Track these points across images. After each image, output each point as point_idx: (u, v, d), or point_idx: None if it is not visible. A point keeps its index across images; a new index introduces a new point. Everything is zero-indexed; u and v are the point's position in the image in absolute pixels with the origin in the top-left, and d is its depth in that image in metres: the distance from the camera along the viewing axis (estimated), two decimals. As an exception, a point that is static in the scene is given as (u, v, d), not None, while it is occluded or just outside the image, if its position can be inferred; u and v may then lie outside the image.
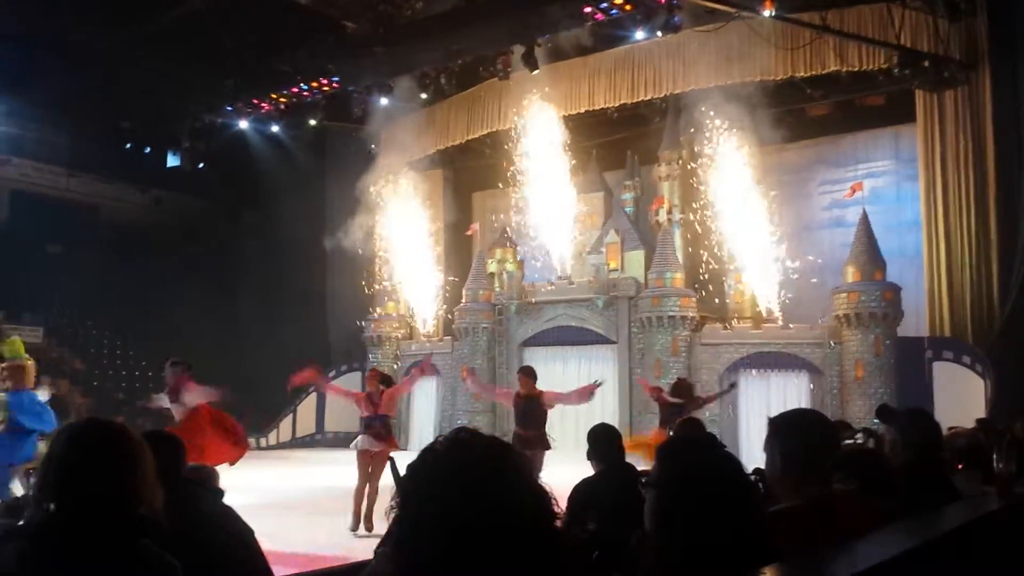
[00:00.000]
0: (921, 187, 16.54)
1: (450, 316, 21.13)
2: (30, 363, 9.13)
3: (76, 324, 23.63)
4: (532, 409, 9.19)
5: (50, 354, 19.69)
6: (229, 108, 20.07)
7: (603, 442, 4.91)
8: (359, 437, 9.27)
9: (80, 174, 26.73)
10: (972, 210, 15.71)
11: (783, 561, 1.87)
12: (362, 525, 8.86)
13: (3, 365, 9.07)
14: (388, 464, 1.74)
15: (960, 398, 13.99)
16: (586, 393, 9.49)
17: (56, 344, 21.67)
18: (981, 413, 11.88)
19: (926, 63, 14.97)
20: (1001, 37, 15.10)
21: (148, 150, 23.17)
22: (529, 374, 9.44)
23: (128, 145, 22.85)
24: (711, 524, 1.80)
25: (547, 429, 9.26)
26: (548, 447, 9.14)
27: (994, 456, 3.88)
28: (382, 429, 9.14)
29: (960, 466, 3.87)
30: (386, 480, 8.42)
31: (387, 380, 9.81)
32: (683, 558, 1.80)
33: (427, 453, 1.33)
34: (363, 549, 7.00)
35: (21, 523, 2.01)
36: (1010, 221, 14.94)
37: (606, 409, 16.61)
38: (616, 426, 5.34)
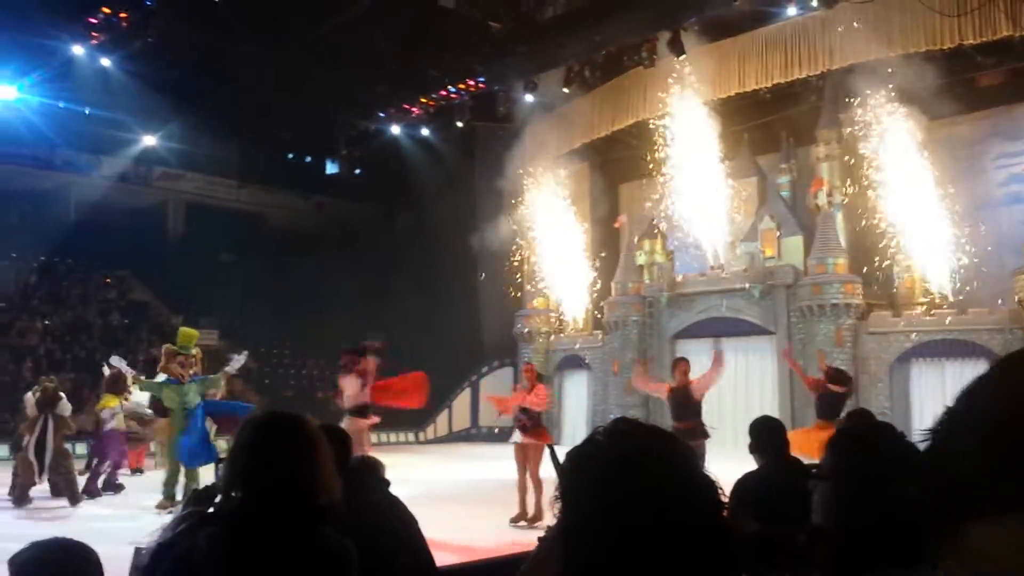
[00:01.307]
0: (1112, 156, 15.08)
1: (599, 310, 21.08)
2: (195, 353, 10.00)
3: (248, 326, 25.15)
4: (685, 400, 9.19)
5: (225, 355, 20.99)
6: (382, 114, 20.80)
7: (767, 434, 4.74)
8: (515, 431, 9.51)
9: (248, 184, 28.49)
10: None
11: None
12: (526, 518, 8.99)
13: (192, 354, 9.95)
14: (548, 453, 1.74)
15: None
16: (718, 362, 9.61)
17: (230, 345, 23.10)
18: None
19: (1113, 20, 13.62)
20: None
21: (309, 159, 24.40)
22: (679, 365, 9.63)
23: (290, 155, 24.13)
24: (891, 517, 1.69)
25: (709, 423, 9.24)
26: (707, 436, 9.07)
27: None
28: (528, 421, 9.28)
29: None
30: (548, 471, 8.50)
31: (539, 375, 9.95)
32: (862, 553, 1.70)
33: (588, 443, 1.31)
34: (524, 540, 7.08)
35: (211, 510, 2.14)
36: None
37: (765, 402, 16.15)
38: (777, 419, 5.16)
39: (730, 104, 18.73)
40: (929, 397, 15.30)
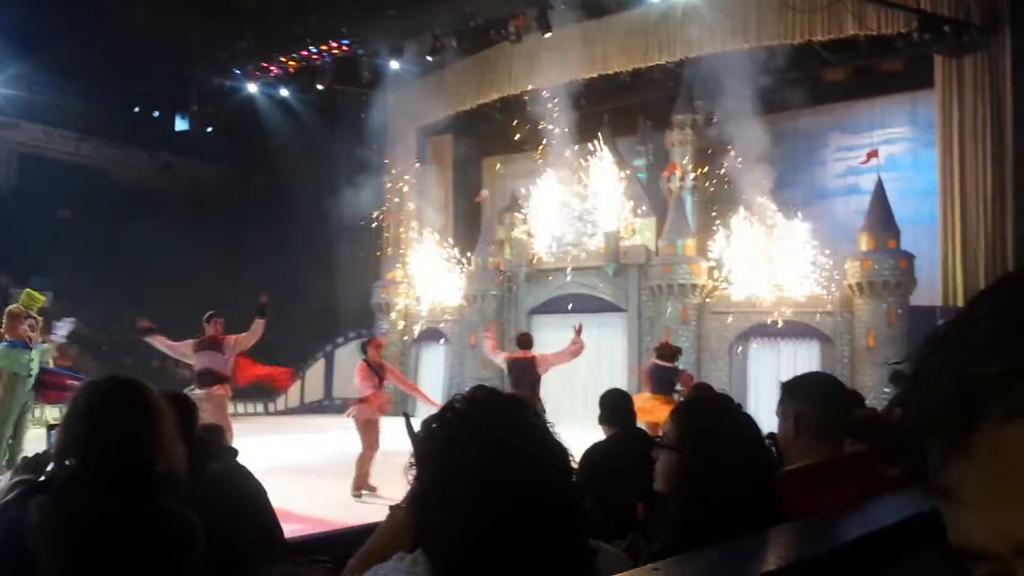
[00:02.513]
0: (938, 154, 16.34)
1: (459, 283, 21.10)
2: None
3: (85, 288, 23.71)
4: (527, 373, 9.53)
5: (59, 318, 19.74)
6: (237, 71, 19.95)
7: (615, 406, 4.92)
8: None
9: (90, 139, 26.73)
10: (989, 178, 15.53)
11: (793, 521, 1.86)
12: (363, 488, 9.01)
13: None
14: (404, 423, 1.73)
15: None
16: (576, 348, 9.87)
17: (65, 308, 21.73)
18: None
19: (946, 28, 14.75)
20: (1022, 1, 14.86)
21: (157, 114, 23.12)
22: (525, 340, 9.99)
23: (137, 109, 22.80)
24: (730, 484, 1.79)
25: (560, 396, 9.51)
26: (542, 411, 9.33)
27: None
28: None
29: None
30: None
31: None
32: (698, 518, 1.80)
33: (446, 411, 1.32)
34: (371, 511, 7.06)
35: (43, 479, 2.03)
36: (1027, 189, 14.82)
37: (615, 376, 16.64)
38: (626, 393, 5.35)
39: (593, 85, 19.12)
40: (764, 375, 16.20)
